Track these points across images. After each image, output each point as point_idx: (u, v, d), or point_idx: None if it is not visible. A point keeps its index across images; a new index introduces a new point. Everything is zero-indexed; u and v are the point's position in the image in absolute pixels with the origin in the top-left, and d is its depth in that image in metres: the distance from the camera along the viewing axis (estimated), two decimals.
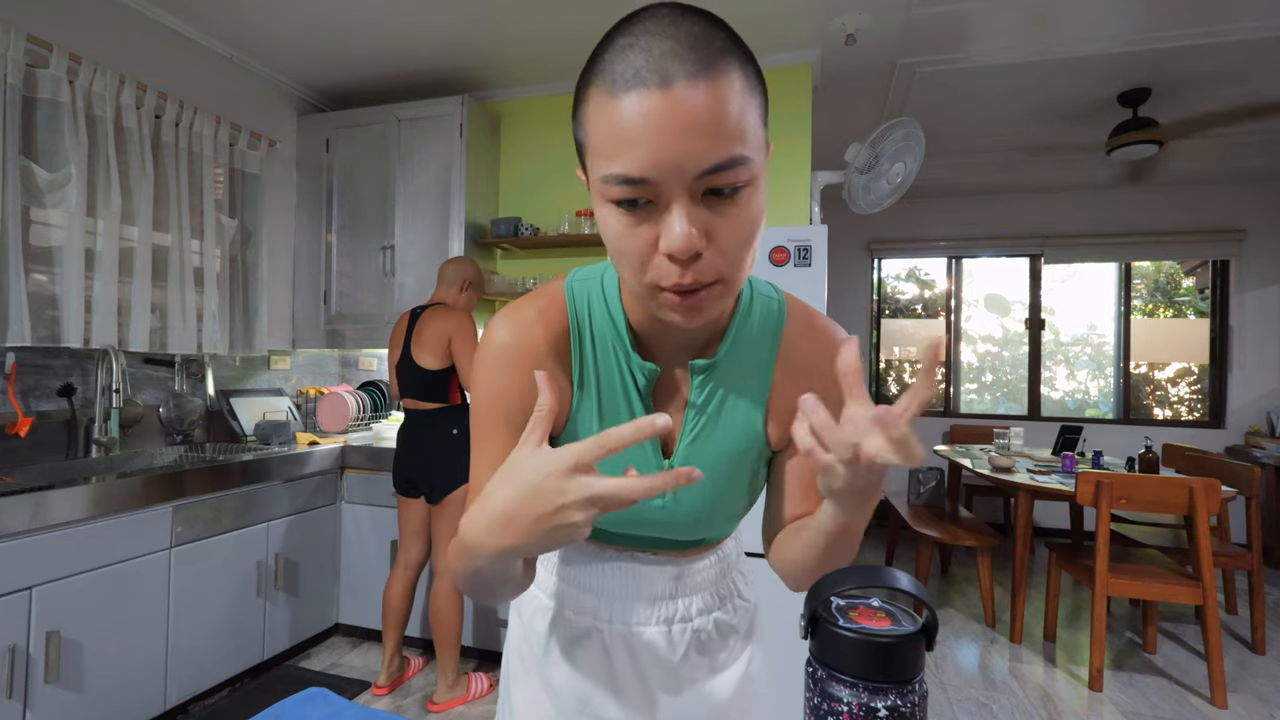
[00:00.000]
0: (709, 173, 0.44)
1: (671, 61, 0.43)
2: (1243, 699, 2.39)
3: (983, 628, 3.02)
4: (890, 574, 0.56)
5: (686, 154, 0.43)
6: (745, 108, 0.45)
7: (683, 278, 0.47)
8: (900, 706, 0.51)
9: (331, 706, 0.76)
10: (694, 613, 0.74)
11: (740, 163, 0.45)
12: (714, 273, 0.47)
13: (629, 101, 0.43)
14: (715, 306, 0.50)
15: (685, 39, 0.43)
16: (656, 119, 0.43)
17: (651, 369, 0.61)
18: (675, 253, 0.45)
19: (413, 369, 2.21)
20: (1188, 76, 2.86)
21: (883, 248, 5.05)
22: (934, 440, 4.91)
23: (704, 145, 0.43)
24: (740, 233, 0.47)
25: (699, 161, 0.43)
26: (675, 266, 0.46)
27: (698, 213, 0.46)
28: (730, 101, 0.44)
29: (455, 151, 2.86)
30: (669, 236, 0.45)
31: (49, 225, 2.10)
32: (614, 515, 0.67)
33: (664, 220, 0.46)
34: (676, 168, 0.44)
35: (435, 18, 2.49)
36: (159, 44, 2.48)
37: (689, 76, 0.43)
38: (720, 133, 0.43)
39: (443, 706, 2.19)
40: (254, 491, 2.27)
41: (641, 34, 0.44)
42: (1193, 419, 4.67)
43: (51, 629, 1.65)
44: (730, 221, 0.46)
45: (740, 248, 0.48)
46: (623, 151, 0.44)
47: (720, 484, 0.65)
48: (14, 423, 2.01)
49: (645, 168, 0.44)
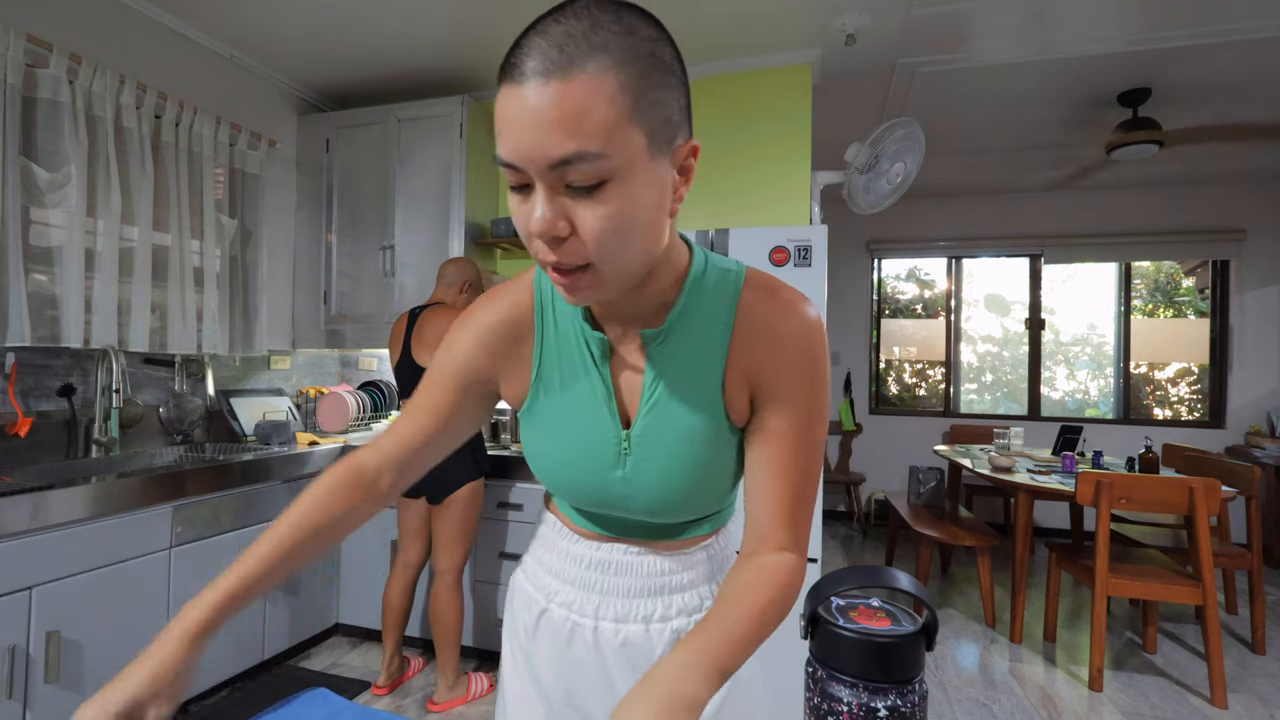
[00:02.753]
0: (557, 165, 0.47)
1: (533, 59, 0.46)
2: (1243, 699, 2.39)
3: (983, 628, 3.02)
4: (890, 574, 0.56)
5: (534, 147, 0.47)
6: (607, 107, 0.47)
7: (547, 255, 0.51)
8: (900, 706, 0.51)
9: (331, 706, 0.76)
10: (674, 612, 0.73)
11: (587, 159, 0.47)
12: (580, 257, 0.51)
13: (504, 93, 0.48)
14: (592, 289, 0.54)
15: (558, 36, 0.46)
16: (511, 112, 0.47)
17: (600, 337, 0.65)
18: (533, 234, 0.50)
19: (413, 369, 2.21)
20: (1188, 77, 2.86)
21: (883, 248, 5.05)
22: (934, 440, 4.92)
23: (549, 140, 0.46)
24: (602, 224, 0.49)
25: (545, 154, 0.47)
26: (544, 245, 0.51)
27: (559, 200, 0.49)
28: (584, 101, 0.46)
29: (455, 151, 2.87)
30: (530, 218, 0.50)
31: (49, 225, 2.10)
32: (580, 490, 0.69)
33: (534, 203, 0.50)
34: (529, 159, 0.48)
35: (435, 18, 2.49)
36: (159, 44, 2.48)
37: (541, 74, 0.46)
38: (566, 129, 0.46)
39: (443, 706, 2.19)
40: (254, 491, 2.27)
41: (530, 34, 0.48)
42: (1193, 419, 4.67)
43: (51, 629, 1.65)
44: (590, 213, 0.49)
45: (604, 238, 0.50)
46: (500, 137, 0.49)
47: (681, 457, 0.65)
48: (14, 423, 2.01)
49: (509, 154, 0.49)
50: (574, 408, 0.67)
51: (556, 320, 0.68)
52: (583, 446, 0.67)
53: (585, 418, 0.67)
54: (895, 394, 5.28)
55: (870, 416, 5.06)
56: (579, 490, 0.69)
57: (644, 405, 0.65)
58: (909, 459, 4.80)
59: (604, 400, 0.66)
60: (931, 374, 5.16)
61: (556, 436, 0.68)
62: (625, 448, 0.66)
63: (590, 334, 0.65)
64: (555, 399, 0.68)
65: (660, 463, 0.66)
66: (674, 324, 0.64)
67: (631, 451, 0.66)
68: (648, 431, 0.65)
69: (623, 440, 0.66)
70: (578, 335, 0.66)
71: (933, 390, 5.15)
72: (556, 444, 0.68)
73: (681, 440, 0.65)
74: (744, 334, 0.64)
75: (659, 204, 0.53)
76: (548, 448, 0.69)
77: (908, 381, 5.27)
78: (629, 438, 0.66)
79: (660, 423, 0.65)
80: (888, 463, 4.95)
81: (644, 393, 0.66)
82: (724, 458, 0.67)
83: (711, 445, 0.66)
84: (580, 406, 0.67)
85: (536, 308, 0.68)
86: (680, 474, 0.66)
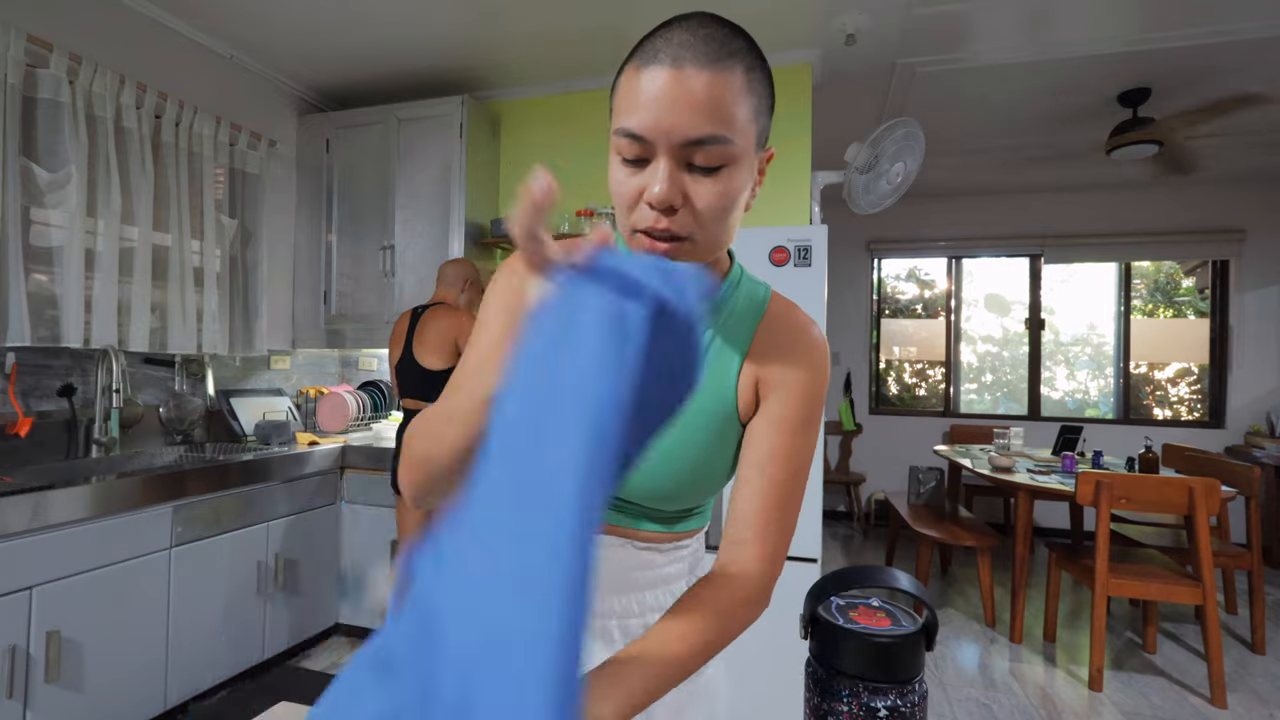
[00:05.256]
0: (692, 143, 0.53)
1: (685, 50, 0.53)
2: (1243, 699, 2.39)
3: (983, 628, 3.02)
4: (890, 574, 0.56)
5: (678, 124, 0.53)
6: (738, 101, 0.54)
7: (658, 223, 0.56)
8: (900, 706, 0.51)
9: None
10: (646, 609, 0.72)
11: (720, 141, 0.54)
12: (686, 228, 0.56)
13: (646, 74, 0.54)
14: (684, 259, 0.58)
15: (702, 37, 0.54)
16: (661, 91, 0.53)
17: None
18: (654, 201, 0.55)
19: (414, 368, 2.21)
20: (1188, 76, 2.86)
21: (883, 248, 5.05)
22: (934, 440, 4.91)
23: (693, 120, 0.53)
24: (714, 202, 0.56)
25: (685, 131, 0.53)
26: (654, 213, 0.56)
27: (679, 175, 0.55)
28: (725, 92, 0.53)
29: (455, 151, 2.86)
30: (652, 187, 0.55)
31: (49, 225, 2.10)
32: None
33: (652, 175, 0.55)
34: (667, 133, 0.53)
35: (436, 17, 2.49)
36: (159, 44, 2.48)
37: (695, 64, 0.53)
38: (709, 114, 0.53)
39: None
40: (254, 491, 2.27)
41: (672, 29, 0.55)
42: (1193, 419, 4.67)
43: (51, 629, 1.65)
44: (706, 190, 0.55)
45: (712, 215, 0.56)
46: (633, 112, 0.54)
47: (685, 438, 0.67)
48: (14, 423, 2.01)
49: (644, 127, 0.54)
50: None
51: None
52: None
53: None
54: (895, 394, 5.28)
55: (870, 416, 5.05)
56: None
57: None
58: (909, 459, 4.79)
59: None
60: (931, 374, 5.16)
61: None
62: None
63: None
64: None
65: (667, 439, 0.67)
66: (711, 314, 0.69)
67: None
68: None
69: None
70: None
71: (933, 390, 5.15)
72: None
73: (692, 419, 0.67)
74: (765, 341, 0.69)
75: (747, 196, 0.60)
76: None
77: (908, 381, 5.27)
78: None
79: None
80: (888, 463, 4.95)
81: None
82: (723, 450, 0.69)
83: (716, 434, 0.68)
84: None
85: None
86: (681, 456, 0.67)
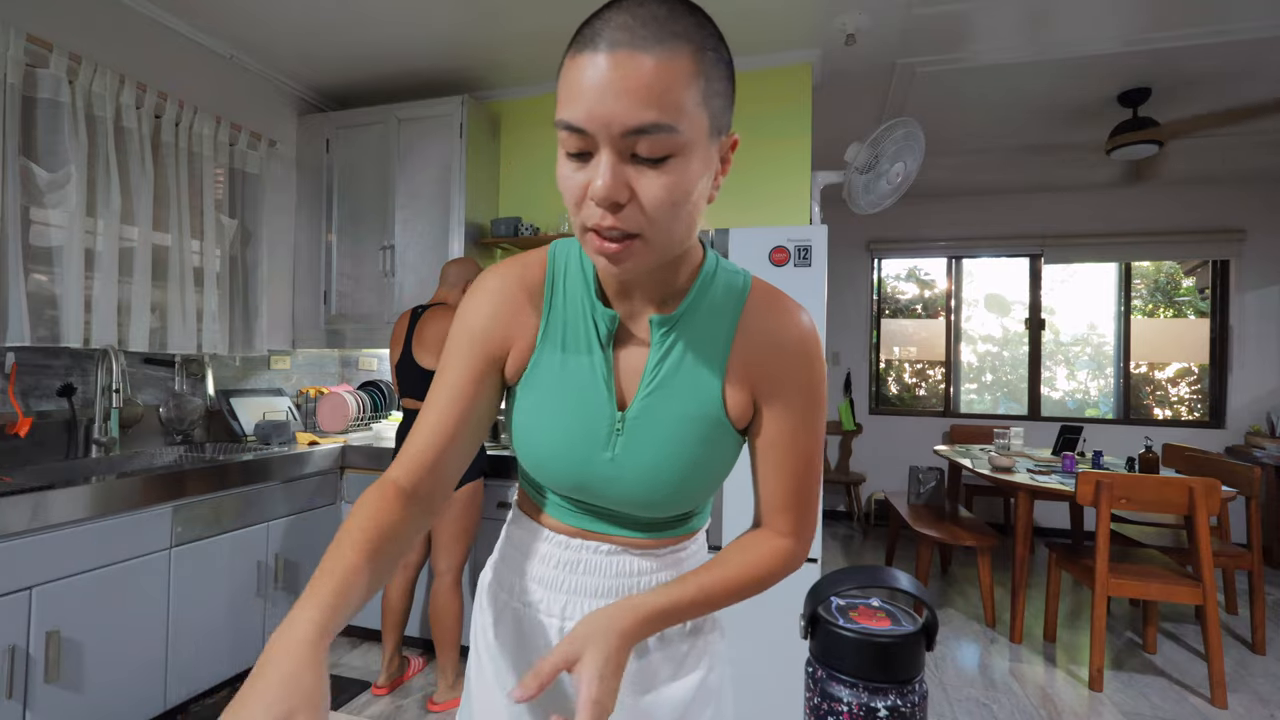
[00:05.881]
0: (634, 132, 0.49)
1: (622, 32, 0.49)
2: (1243, 699, 2.39)
3: (983, 628, 3.02)
4: (890, 574, 0.56)
5: (615, 112, 0.49)
6: (683, 85, 0.50)
7: (603, 220, 0.53)
8: (900, 706, 0.51)
9: None
10: None
11: (664, 130, 0.49)
12: (635, 225, 0.53)
13: (581, 60, 0.50)
14: (637, 258, 0.55)
15: (643, 17, 0.50)
16: (596, 78, 0.49)
17: (611, 315, 0.66)
18: (597, 198, 0.51)
19: (414, 369, 2.21)
20: (1188, 76, 2.86)
21: (883, 248, 5.05)
22: (934, 440, 4.92)
23: (633, 108, 0.49)
24: (662, 195, 0.52)
25: (624, 120, 0.49)
26: (600, 209, 0.53)
27: (623, 168, 0.51)
28: (667, 76, 0.49)
29: (455, 151, 2.87)
30: (594, 181, 0.51)
31: (49, 225, 2.10)
32: (563, 469, 0.68)
33: (595, 169, 0.52)
34: (606, 123, 0.49)
35: (435, 18, 2.49)
36: (159, 44, 2.48)
37: (632, 47, 0.48)
38: (650, 100, 0.49)
39: (443, 706, 2.19)
40: (254, 491, 2.27)
41: (612, 10, 0.51)
42: (1193, 419, 4.67)
43: (51, 629, 1.65)
44: (653, 183, 0.52)
45: (661, 209, 0.53)
46: (570, 102, 0.51)
47: (672, 444, 0.66)
48: (14, 423, 2.01)
49: (581, 118, 0.50)
50: (571, 382, 0.67)
51: (566, 295, 0.69)
52: (575, 422, 0.67)
53: (581, 394, 0.67)
54: (895, 394, 5.28)
55: (870, 416, 5.06)
56: (562, 469, 0.68)
57: (643, 388, 0.66)
58: (909, 459, 4.79)
59: (603, 378, 0.66)
60: (931, 374, 5.16)
61: (549, 410, 0.68)
62: (618, 428, 0.66)
63: (600, 311, 0.66)
64: (554, 372, 0.68)
65: (651, 448, 0.66)
66: (684, 313, 0.66)
67: (624, 433, 0.66)
68: (643, 414, 0.66)
69: (616, 421, 0.66)
70: (586, 312, 0.67)
71: (933, 390, 5.15)
72: (548, 417, 0.68)
73: (676, 427, 0.66)
74: (747, 335, 0.67)
75: (706, 187, 0.57)
76: (538, 421, 0.68)
77: (908, 381, 5.27)
78: (623, 419, 0.66)
79: (657, 407, 0.66)
80: (888, 463, 4.95)
81: (645, 376, 0.66)
82: (713, 453, 0.67)
83: (704, 438, 0.66)
84: (578, 382, 0.67)
85: (548, 279, 0.69)
86: (669, 463, 0.66)
